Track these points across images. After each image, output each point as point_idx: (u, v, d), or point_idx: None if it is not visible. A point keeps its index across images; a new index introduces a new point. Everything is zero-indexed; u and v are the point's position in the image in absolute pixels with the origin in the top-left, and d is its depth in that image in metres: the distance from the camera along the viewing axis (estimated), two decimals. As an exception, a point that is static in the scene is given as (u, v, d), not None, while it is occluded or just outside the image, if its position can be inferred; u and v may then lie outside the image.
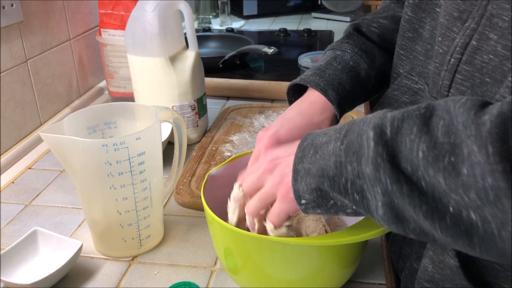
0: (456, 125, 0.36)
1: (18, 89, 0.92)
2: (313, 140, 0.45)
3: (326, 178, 0.42)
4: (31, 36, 0.95)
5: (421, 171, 0.36)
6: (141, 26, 0.85)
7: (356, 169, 0.40)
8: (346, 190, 0.41)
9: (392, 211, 0.39)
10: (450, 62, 0.47)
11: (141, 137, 0.58)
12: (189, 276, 0.61)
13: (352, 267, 0.56)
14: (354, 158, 0.40)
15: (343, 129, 0.43)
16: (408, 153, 0.37)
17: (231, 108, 1.06)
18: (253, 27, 1.80)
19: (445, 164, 0.35)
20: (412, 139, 0.37)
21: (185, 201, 0.75)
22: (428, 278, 0.49)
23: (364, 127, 0.41)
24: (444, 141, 0.36)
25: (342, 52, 0.65)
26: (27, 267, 0.62)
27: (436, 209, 0.36)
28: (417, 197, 0.37)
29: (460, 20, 0.47)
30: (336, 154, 0.42)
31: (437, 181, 0.36)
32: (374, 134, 0.39)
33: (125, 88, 1.11)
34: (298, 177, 0.45)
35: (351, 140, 0.41)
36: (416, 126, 0.37)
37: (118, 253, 0.65)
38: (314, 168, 0.43)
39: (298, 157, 0.45)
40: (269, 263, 0.53)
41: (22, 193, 0.80)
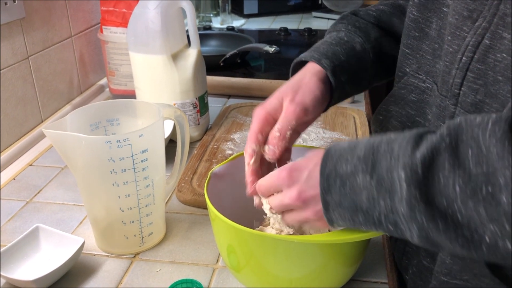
0: (486, 154, 0.37)
1: (19, 85, 0.92)
2: (335, 168, 0.44)
3: (360, 211, 0.43)
4: (32, 33, 0.95)
5: (457, 204, 0.38)
6: (143, 24, 0.85)
7: (390, 205, 0.41)
8: (380, 222, 0.43)
9: (428, 241, 0.41)
10: (462, 60, 0.47)
11: (145, 134, 0.58)
12: (191, 274, 0.61)
13: (354, 266, 0.56)
14: (387, 195, 0.41)
15: (368, 160, 0.42)
16: (443, 189, 0.38)
17: (232, 107, 1.06)
18: (254, 26, 1.80)
19: (484, 194, 0.36)
20: (446, 176, 0.38)
21: (186, 198, 0.75)
22: (445, 272, 0.50)
23: (393, 163, 0.41)
24: (478, 172, 0.37)
25: (336, 32, 0.66)
26: (29, 263, 0.62)
27: (472, 240, 0.38)
28: (453, 231, 0.38)
29: (470, 19, 0.47)
30: (368, 189, 0.42)
31: (476, 213, 0.37)
32: (405, 176, 0.39)
33: (126, 86, 1.11)
34: (329, 207, 0.45)
35: (380, 175, 0.41)
36: (447, 162, 0.38)
37: (120, 250, 0.65)
38: (345, 202, 0.44)
39: (324, 187, 0.44)
40: (271, 261, 0.53)
41: (23, 189, 0.80)
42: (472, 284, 0.48)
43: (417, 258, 0.57)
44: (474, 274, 0.48)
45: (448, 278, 0.50)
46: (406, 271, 0.61)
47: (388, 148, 0.42)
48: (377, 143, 0.43)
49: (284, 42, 1.58)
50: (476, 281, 0.48)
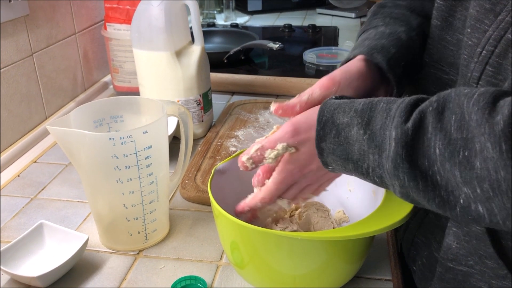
0: (468, 121, 0.38)
1: (23, 82, 0.92)
2: (332, 117, 0.46)
3: (350, 161, 0.46)
4: (36, 30, 0.95)
5: (437, 166, 0.40)
6: (147, 20, 0.85)
7: (377, 160, 0.44)
8: (367, 173, 0.45)
9: (408, 198, 0.44)
10: (482, 54, 0.46)
11: (148, 131, 0.58)
12: (194, 270, 0.61)
13: (358, 263, 0.56)
14: (376, 151, 0.43)
15: (364, 114, 0.45)
16: (426, 150, 0.40)
17: (236, 104, 1.06)
18: (258, 22, 1.80)
19: (460, 158, 0.38)
20: (429, 138, 0.40)
21: (190, 195, 0.75)
22: (451, 257, 0.51)
23: (388, 122, 0.43)
24: (458, 137, 0.39)
25: (374, 29, 0.62)
26: (34, 260, 0.62)
27: (448, 201, 0.40)
28: (431, 191, 0.41)
29: (492, 12, 0.46)
30: (360, 142, 0.44)
31: (452, 175, 0.39)
32: (396, 135, 0.41)
33: (130, 83, 1.10)
34: (323, 153, 0.48)
35: (374, 131, 0.44)
36: (431, 125, 0.40)
37: (124, 247, 0.65)
38: (338, 150, 0.46)
39: (319, 135, 0.47)
40: (275, 258, 0.52)
41: (27, 186, 0.80)
42: (476, 269, 0.49)
43: (427, 250, 0.57)
44: (479, 256, 0.49)
45: (454, 264, 0.51)
46: (414, 262, 0.60)
47: (386, 107, 0.44)
48: (376, 101, 0.45)
49: (288, 38, 1.58)
50: (481, 265, 0.49)
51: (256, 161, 0.51)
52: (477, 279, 0.49)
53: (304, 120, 0.49)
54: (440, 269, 0.53)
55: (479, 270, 0.49)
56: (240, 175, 0.62)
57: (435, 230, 0.56)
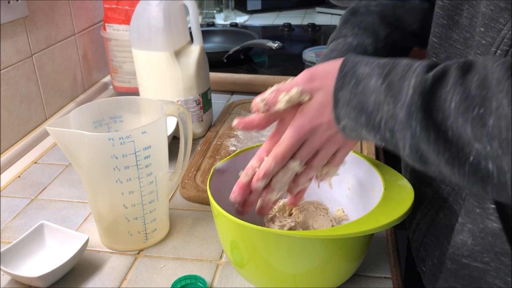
0: (490, 80, 0.38)
1: (23, 84, 0.93)
2: (354, 68, 0.46)
3: (364, 112, 0.45)
4: (36, 31, 0.96)
5: (451, 120, 0.40)
6: (146, 21, 0.85)
7: (391, 110, 0.43)
8: (379, 127, 0.45)
9: (417, 153, 0.43)
10: (496, 54, 0.46)
11: (147, 131, 0.58)
12: (195, 270, 0.62)
13: (357, 261, 0.56)
14: (391, 100, 0.43)
15: (386, 66, 0.45)
16: (442, 103, 0.40)
17: (236, 103, 1.06)
18: (257, 22, 1.80)
19: (474, 115, 0.38)
20: (447, 91, 0.40)
21: (190, 195, 0.75)
22: (467, 254, 0.51)
23: (408, 73, 0.43)
24: (476, 94, 0.38)
25: (343, 38, 0.64)
26: (34, 260, 0.62)
27: (458, 156, 0.40)
28: (442, 145, 0.40)
29: (507, 11, 0.45)
30: (377, 92, 0.44)
31: (464, 130, 0.39)
32: (415, 82, 0.41)
33: (130, 83, 1.11)
34: (339, 103, 0.47)
35: (392, 81, 0.43)
36: (453, 79, 0.40)
37: (124, 246, 0.65)
38: (354, 100, 0.46)
39: (338, 84, 0.46)
40: (275, 257, 0.53)
41: (28, 187, 0.81)
42: (492, 266, 0.49)
43: (438, 250, 0.56)
44: (495, 253, 0.48)
45: (469, 261, 0.51)
46: (423, 263, 0.60)
47: (409, 62, 0.44)
48: (402, 59, 0.45)
49: (288, 38, 1.58)
50: (497, 262, 0.48)
51: (270, 103, 0.50)
52: (493, 276, 0.49)
53: (323, 68, 0.49)
54: (454, 266, 0.52)
55: (494, 267, 0.49)
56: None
57: (446, 231, 0.55)
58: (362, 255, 0.56)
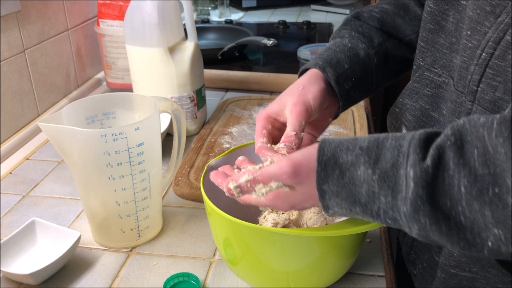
0: (494, 154, 0.36)
1: (15, 79, 0.92)
2: (334, 156, 0.42)
3: (358, 204, 0.42)
4: (28, 26, 0.95)
5: (461, 205, 0.37)
6: (140, 17, 0.84)
7: (391, 203, 0.40)
8: (378, 215, 0.42)
9: (427, 239, 0.40)
10: (481, 56, 0.46)
11: (140, 128, 0.58)
12: (188, 267, 0.61)
13: (351, 259, 0.56)
14: (389, 192, 0.40)
15: (372, 152, 0.41)
16: (448, 189, 0.37)
17: (230, 100, 1.06)
18: (252, 19, 1.79)
19: (490, 196, 0.35)
20: (451, 175, 0.37)
21: (184, 192, 0.75)
22: (454, 264, 0.50)
23: (400, 159, 0.39)
24: (484, 173, 0.36)
25: (340, 38, 0.65)
26: (26, 257, 0.61)
27: (474, 243, 0.37)
28: (455, 234, 0.38)
29: (492, 14, 0.46)
30: (368, 183, 0.41)
31: (481, 215, 0.36)
32: (414, 175, 0.38)
33: (123, 79, 1.10)
34: (325, 196, 0.43)
35: (384, 171, 0.40)
36: (452, 161, 0.37)
37: (117, 244, 0.65)
38: (343, 192, 0.42)
39: (320, 176, 0.43)
40: (268, 254, 0.52)
41: (20, 183, 0.80)
42: (480, 275, 0.48)
43: (427, 253, 0.57)
44: (482, 265, 0.48)
45: (457, 270, 0.50)
46: (414, 266, 0.60)
47: (396, 144, 0.41)
48: (383, 137, 0.42)
49: (283, 35, 1.58)
50: (485, 272, 0.48)
51: (244, 192, 0.47)
52: (483, 283, 0.49)
53: (306, 163, 0.44)
54: (443, 275, 0.52)
55: (483, 276, 0.48)
56: (233, 171, 0.62)
57: None
58: (356, 253, 0.56)
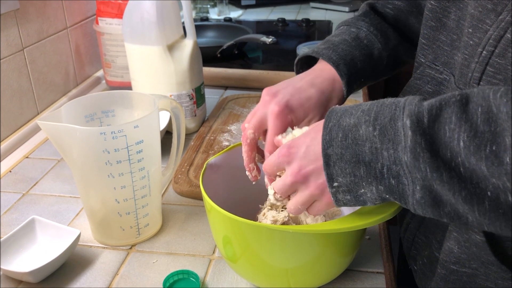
0: (496, 113, 0.36)
1: (14, 78, 0.92)
2: (338, 122, 0.44)
3: (362, 163, 0.42)
4: (27, 24, 0.95)
5: (461, 157, 0.38)
6: (139, 15, 0.84)
7: (393, 156, 0.41)
8: (382, 175, 0.42)
9: (431, 195, 0.40)
10: (482, 54, 0.46)
11: (139, 125, 0.58)
12: (187, 265, 0.61)
13: (350, 256, 0.56)
14: (390, 145, 0.41)
15: (371, 111, 0.43)
16: (448, 141, 0.38)
17: (229, 98, 1.06)
18: (251, 16, 1.79)
19: (487, 153, 0.36)
20: (452, 128, 0.38)
21: (183, 190, 0.75)
22: (454, 260, 0.51)
23: (397, 112, 0.41)
24: (485, 130, 0.37)
25: (357, 30, 0.65)
26: (25, 255, 0.62)
27: (475, 193, 0.38)
28: (457, 183, 0.38)
29: (494, 12, 0.46)
30: (370, 139, 0.42)
31: (478, 168, 0.37)
32: (411, 123, 0.39)
33: (123, 78, 1.10)
34: (330, 161, 0.44)
35: (383, 125, 0.41)
36: (454, 115, 0.38)
37: (116, 241, 0.65)
38: (347, 153, 0.43)
39: (325, 140, 0.44)
40: (267, 251, 0.53)
41: (19, 182, 0.80)
42: (480, 271, 0.49)
43: (428, 249, 0.57)
44: (482, 262, 0.48)
45: (458, 267, 0.50)
46: (414, 262, 0.60)
47: (394, 101, 0.42)
48: (384, 99, 0.43)
49: (282, 33, 1.57)
50: (484, 268, 0.48)
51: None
52: (483, 279, 0.49)
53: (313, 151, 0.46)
54: (443, 271, 0.52)
55: (483, 272, 0.48)
56: (232, 169, 0.62)
57: (435, 230, 0.55)
58: (355, 250, 0.56)
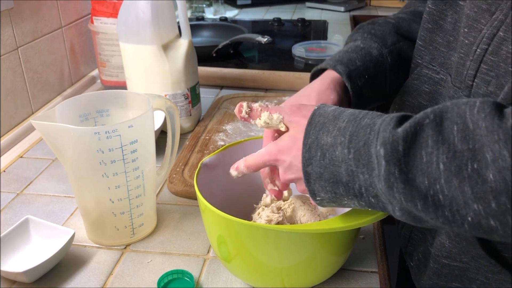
0: (473, 130, 0.36)
1: (9, 77, 0.91)
2: (317, 138, 0.44)
3: (340, 184, 0.43)
4: (21, 24, 0.94)
5: (440, 183, 0.37)
6: (134, 14, 0.84)
7: (369, 180, 0.41)
8: (361, 194, 0.43)
9: (410, 215, 0.41)
10: (476, 52, 0.48)
11: (134, 125, 0.58)
12: (182, 264, 0.61)
13: (344, 255, 0.56)
14: (365, 170, 0.41)
15: (346, 132, 0.43)
16: (426, 166, 0.37)
17: (225, 98, 1.06)
18: (247, 16, 1.79)
19: (469, 172, 0.35)
20: (429, 152, 0.37)
21: (178, 190, 0.75)
22: (446, 254, 0.51)
23: (371, 137, 0.40)
24: (463, 148, 0.36)
25: (353, 42, 0.66)
26: (19, 255, 0.61)
27: (454, 220, 0.37)
28: (433, 212, 0.38)
29: (488, 12, 0.47)
30: (346, 162, 0.42)
31: (460, 191, 0.36)
32: (385, 152, 0.39)
33: (118, 77, 1.10)
34: (310, 179, 0.45)
35: (357, 149, 0.41)
36: (430, 138, 0.37)
37: (111, 241, 0.65)
38: (326, 173, 0.44)
39: (305, 158, 0.45)
40: (262, 251, 0.53)
41: (13, 182, 0.80)
42: (471, 265, 0.50)
43: (423, 245, 0.58)
44: (472, 256, 0.49)
45: (449, 261, 0.51)
46: (411, 258, 0.61)
47: (370, 122, 0.42)
48: (362, 116, 0.43)
49: (278, 32, 1.58)
50: (475, 262, 0.49)
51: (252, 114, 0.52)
52: (474, 272, 0.50)
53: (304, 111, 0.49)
54: (436, 265, 0.53)
55: (474, 265, 0.49)
56: (227, 169, 0.62)
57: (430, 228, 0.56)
58: (349, 249, 0.56)
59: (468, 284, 0.51)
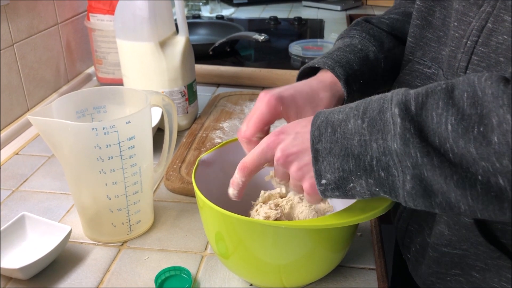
0: (482, 96, 0.38)
1: (4, 73, 0.91)
2: (327, 118, 0.45)
3: (351, 157, 0.43)
4: (17, 20, 0.94)
5: (449, 143, 0.38)
6: (131, 11, 0.84)
7: (382, 146, 0.41)
8: (371, 168, 0.42)
9: (421, 184, 0.40)
10: (467, 44, 0.49)
11: (131, 121, 0.58)
12: (179, 261, 0.61)
13: (342, 252, 0.56)
14: (379, 136, 0.41)
15: (360, 107, 0.44)
16: (436, 126, 0.39)
17: (222, 95, 1.06)
18: (243, 14, 1.79)
19: (475, 134, 0.37)
20: (439, 113, 0.39)
21: (175, 187, 0.75)
22: (445, 243, 0.52)
23: (386, 104, 0.42)
24: (472, 113, 0.38)
25: (350, 38, 0.66)
26: (15, 251, 0.61)
27: (466, 177, 0.38)
28: (448, 167, 0.39)
29: (476, 5, 0.49)
30: (359, 132, 0.42)
31: (467, 151, 0.38)
32: (399, 111, 0.40)
33: (114, 74, 1.09)
34: (319, 156, 0.44)
35: (372, 117, 0.42)
36: (441, 100, 0.39)
37: (108, 238, 0.65)
38: (336, 147, 0.43)
39: (314, 136, 0.44)
40: (260, 248, 0.53)
41: (9, 178, 0.79)
42: (470, 252, 0.50)
43: (420, 236, 0.58)
44: (471, 243, 0.50)
45: (449, 249, 0.52)
46: (408, 250, 0.62)
47: (381, 96, 0.43)
48: (372, 96, 0.44)
49: (274, 31, 1.58)
50: (474, 249, 0.50)
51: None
52: (473, 259, 0.51)
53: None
54: (435, 254, 0.54)
55: (473, 252, 0.50)
56: (225, 165, 0.62)
57: (427, 218, 0.57)
58: (347, 246, 0.57)
59: (468, 270, 0.51)
